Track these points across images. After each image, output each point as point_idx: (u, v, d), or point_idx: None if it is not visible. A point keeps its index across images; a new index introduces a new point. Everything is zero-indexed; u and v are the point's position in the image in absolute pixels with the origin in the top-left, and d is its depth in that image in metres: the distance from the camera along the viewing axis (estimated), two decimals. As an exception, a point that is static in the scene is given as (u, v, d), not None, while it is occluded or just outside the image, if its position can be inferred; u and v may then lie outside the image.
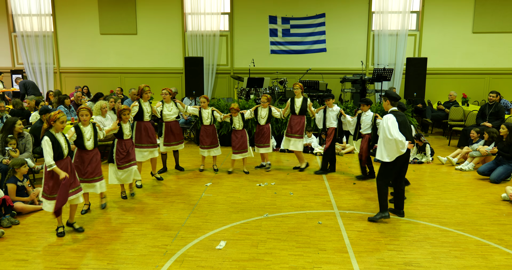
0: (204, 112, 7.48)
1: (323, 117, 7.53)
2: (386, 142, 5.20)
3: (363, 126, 7.09)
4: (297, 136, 7.61)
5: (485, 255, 4.52)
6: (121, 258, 4.42)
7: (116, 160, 5.99)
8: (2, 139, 6.37)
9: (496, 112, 9.07)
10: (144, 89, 6.71)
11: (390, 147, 5.17)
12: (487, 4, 11.97)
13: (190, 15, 12.87)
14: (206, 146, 7.59)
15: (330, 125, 7.46)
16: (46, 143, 4.65)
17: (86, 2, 13.01)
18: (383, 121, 5.26)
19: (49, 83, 13.44)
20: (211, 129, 7.55)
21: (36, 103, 9.36)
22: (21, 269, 4.19)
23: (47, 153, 4.63)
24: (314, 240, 4.88)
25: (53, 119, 4.68)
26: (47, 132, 4.70)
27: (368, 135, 7.04)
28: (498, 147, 7.35)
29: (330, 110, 7.45)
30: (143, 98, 6.75)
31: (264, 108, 7.58)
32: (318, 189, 6.77)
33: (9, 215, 5.35)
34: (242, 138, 7.53)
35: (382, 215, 5.42)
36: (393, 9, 12.22)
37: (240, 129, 7.53)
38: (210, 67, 12.89)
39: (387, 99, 5.55)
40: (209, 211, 5.77)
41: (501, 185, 6.96)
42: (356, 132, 7.25)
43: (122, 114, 5.96)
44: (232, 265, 4.28)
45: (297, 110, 7.56)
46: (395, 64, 12.41)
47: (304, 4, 12.50)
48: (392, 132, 5.12)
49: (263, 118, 7.57)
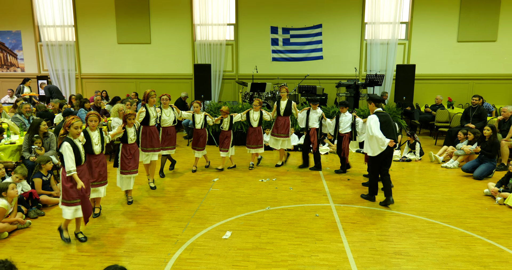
0: (197, 117, 7.30)
1: (306, 118, 7.53)
2: (369, 139, 5.60)
3: (342, 126, 7.23)
4: (284, 136, 7.60)
5: (468, 245, 4.50)
6: (136, 246, 4.43)
7: (121, 164, 5.63)
8: (29, 138, 6.40)
9: (479, 114, 9.02)
10: (150, 94, 6.33)
11: (372, 143, 5.56)
12: (470, 15, 11.91)
13: (199, 26, 12.87)
14: (199, 148, 7.42)
15: (312, 125, 7.46)
16: (66, 149, 4.31)
17: (104, 14, 13.04)
18: (368, 121, 5.61)
19: (71, 88, 13.47)
20: (202, 133, 7.37)
21: (60, 106, 9.39)
22: (46, 256, 4.22)
23: (68, 159, 4.29)
24: (312, 231, 4.87)
25: (68, 125, 4.38)
26: (66, 138, 4.39)
27: (348, 134, 7.20)
28: (481, 147, 7.31)
29: (314, 112, 7.47)
30: (149, 102, 6.38)
31: (256, 111, 7.52)
32: (315, 185, 6.76)
33: (35, 207, 5.39)
34: (227, 138, 7.46)
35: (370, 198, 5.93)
36: (384, 20, 12.18)
37: (227, 130, 7.46)
38: (217, 73, 12.88)
39: (371, 102, 5.84)
40: (216, 204, 5.77)
41: (483, 181, 6.92)
42: (336, 132, 7.34)
43: (128, 119, 5.60)
44: (237, 253, 4.28)
45: (282, 111, 7.54)
46: (386, 70, 12.36)
47: (303, 16, 12.49)
48: (374, 130, 5.48)
49: (256, 120, 7.51)
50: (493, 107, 10.88)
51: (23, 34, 13.54)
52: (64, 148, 4.31)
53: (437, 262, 4.11)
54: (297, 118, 7.70)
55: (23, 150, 6.36)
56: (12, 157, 6.43)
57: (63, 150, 4.31)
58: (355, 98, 10.28)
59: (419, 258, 4.18)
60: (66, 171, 4.30)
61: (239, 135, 9.30)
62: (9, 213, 4.87)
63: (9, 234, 4.71)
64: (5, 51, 13.78)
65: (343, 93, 10.98)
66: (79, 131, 4.47)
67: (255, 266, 4.00)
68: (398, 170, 7.69)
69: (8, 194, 4.82)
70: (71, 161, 4.30)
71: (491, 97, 12.08)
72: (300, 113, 7.64)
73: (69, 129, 4.40)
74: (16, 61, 13.81)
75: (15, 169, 5.49)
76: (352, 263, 4.07)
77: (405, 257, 4.21)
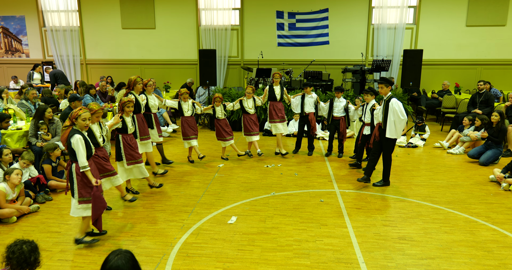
0: (185, 105, 6.90)
1: (300, 103, 7.51)
2: (398, 122, 5.54)
3: (337, 110, 7.35)
4: (282, 120, 7.51)
5: (473, 231, 4.52)
6: (143, 231, 4.49)
7: (125, 156, 5.35)
8: (35, 125, 6.44)
9: (486, 100, 8.93)
10: (137, 80, 5.83)
11: (401, 126, 5.58)
12: (480, -1, 11.69)
13: (204, 10, 12.73)
14: (192, 137, 6.97)
15: (309, 110, 7.46)
16: (79, 142, 3.85)
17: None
18: (394, 104, 5.53)
19: (76, 74, 13.47)
20: (192, 121, 6.99)
21: (65, 92, 9.40)
22: (55, 240, 4.29)
23: (81, 154, 3.86)
24: (316, 216, 4.90)
25: (75, 116, 3.95)
26: (76, 130, 3.93)
27: (344, 117, 7.36)
28: (488, 133, 7.26)
29: (309, 97, 7.46)
30: (135, 89, 5.87)
31: (248, 99, 7.29)
32: (320, 170, 6.77)
33: (43, 192, 5.46)
34: (226, 126, 7.18)
35: (384, 183, 5.94)
36: (392, 4, 11.96)
37: (222, 118, 7.18)
38: (222, 58, 12.79)
39: (387, 85, 5.68)
40: (222, 190, 5.81)
41: (489, 167, 6.90)
42: (330, 116, 7.44)
43: (126, 107, 5.27)
44: (242, 238, 4.33)
45: (278, 96, 7.44)
46: (393, 56, 12.21)
47: (309, 0, 12.30)
48: (404, 113, 5.52)
49: (251, 108, 7.28)
50: (500, 92, 10.76)
51: (27, 19, 13.48)
52: (77, 142, 3.85)
53: (441, 247, 4.13)
54: (291, 104, 7.65)
55: (29, 136, 6.42)
56: (19, 142, 6.49)
57: (75, 144, 3.85)
58: (361, 84, 10.19)
59: (423, 243, 4.20)
60: (81, 167, 3.90)
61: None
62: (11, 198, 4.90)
63: (18, 219, 4.79)
64: (9, 37, 13.75)
65: (349, 79, 10.89)
66: (87, 123, 4.02)
67: (260, 250, 4.05)
68: (404, 156, 7.68)
69: (10, 178, 4.86)
70: (83, 156, 3.88)
71: (499, 83, 11.92)
72: (294, 98, 7.59)
73: (76, 121, 3.97)
74: (20, 46, 13.79)
75: (22, 154, 5.54)
76: (356, 248, 4.10)
77: (409, 242, 4.24)
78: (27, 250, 2.81)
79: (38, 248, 2.90)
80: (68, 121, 3.98)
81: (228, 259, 3.89)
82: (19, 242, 2.84)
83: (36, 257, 2.86)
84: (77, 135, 3.87)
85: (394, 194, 5.66)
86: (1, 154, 5.33)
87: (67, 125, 3.97)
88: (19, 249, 2.79)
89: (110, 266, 2.22)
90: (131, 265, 2.25)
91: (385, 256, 3.96)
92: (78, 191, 3.99)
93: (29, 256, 2.80)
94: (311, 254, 4.00)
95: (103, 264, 2.26)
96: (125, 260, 2.24)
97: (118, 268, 2.21)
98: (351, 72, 10.91)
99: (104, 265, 2.24)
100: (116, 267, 2.21)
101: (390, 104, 5.56)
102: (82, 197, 4.01)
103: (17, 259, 2.78)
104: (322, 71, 10.68)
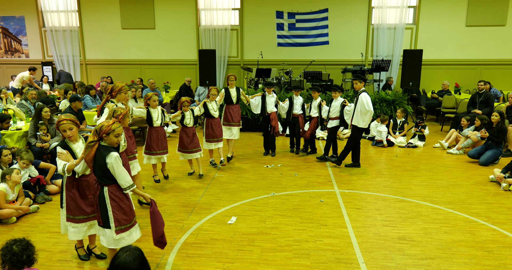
0: (154, 112, 5.72)
1: (261, 103, 7.48)
2: (363, 113, 6.39)
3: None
4: (237, 124, 7.22)
5: (472, 231, 4.52)
6: (143, 231, 4.48)
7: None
8: (34, 125, 6.44)
9: (485, 100, 8.94)
10: (122, 88, 4.82)
11: (366, 117, 6.40)
12: (480, -1, 11.70)
13: (204, 10, 12.73)
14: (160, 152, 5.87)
15: (271, 110, 7.48)
16: (118, 161, 3.24)
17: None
18: (363, 97, 6.37)
19: (76, 74, 13.47)
20: (163, 133, 5.88)
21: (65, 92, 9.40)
22: (54, 240, 4.29)
23: (124, 173, 3.27)
24: (316, 216, 4.90)
25: (106, 131, 3.23)
26: (109, 147, 3.28)
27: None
28: (489, 133, 7.26)
29: (271, 96, 7.47)
30: (117, 98, 4.85)
31: (212, 101, 6.58)
32: (320, 170, 6.77)
33: (43, 192, 5.46)
34: (194, 136, 6.25)
35: (336, 161, 6.90)
36: (392, 4, 11.97)
37: (190, 126, 6.21)
38: (222, 58, 12.80)
39: (361, 80, 6.54)
40: (221, 190, 5.81)
41: (489, 167, 6.90)
42: (289, 114, 7.58)
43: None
44: (242, 238, 4.33)
45: (234, 99, 7.14)
46: (393, 56, 12.22)
47: (309, 0, 12.31)
48: (370, 105, 6.33)
49: (216, 111, 6.60)
50: (500, 92, 10.77)
51: (27, 20, 13.49)
52: (116, 161, 3.22)
53: (441, 247, 4.13)
54: (250, 104, 7.51)
55: (29, 136, 6.41)
56: (19, 143, 6.49)
57: (115, 164, 3.22)
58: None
59: (423, 243, 4.20)
60: (126, 187, 3.31)
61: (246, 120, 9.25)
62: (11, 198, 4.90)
63: (17, 219, 4.79)
64: (9, 37, 13.75)
65: (349, 79, 10.89)
66: (120, 139, 3.37)
67: (260, 251, 4.05)
68: (404, 156, 7.68)
69: (11, 178, 4.86)
70: (128, 176, 3.32)
71: (499, 83, 11.93)
72: (253, 99, 7.47)
73: (106, 137, 3.26)
74: (20, 47, 13.80)
75: (20, 155, 5.52)
76: (356, 248, 4.10)
77: (409, 242, 4.24)
78: (18, 250, 2.83)
79: (31, 245, 2.90)
80: (94, 136, 3.26)
81: (228, 259, 3.89)
82: (9, 243, 2.86)
83: (29, 254, 2.87)
84: (114, 153, 3.23)
85: (394, 194, 5.66)
86: (1, 154, 5.32)
87: (93, 140, 3.25)
88: (9, 251, 2.82)
89: (118, 263, 2.23)
90: (139, 262, 2.26)
91: (385, 256, 3.96)
92: (114, 219, 3.34)
93: (21, 255, 2.82)
94: (311, 254, 4.00)
95: (111, 261, 2.28)
96: (133, 258, 2.24)
97: (126, 264, 2.22)
98: (351, 72, 10.92)
99: (113, 261, 2.26)
100: (124, 264, 2.22)
101: (359, 97, 6.44)
102: (120, 225, 3.38)
103: (10, 261, 2.81)
104: (322, 71, 10.70)
